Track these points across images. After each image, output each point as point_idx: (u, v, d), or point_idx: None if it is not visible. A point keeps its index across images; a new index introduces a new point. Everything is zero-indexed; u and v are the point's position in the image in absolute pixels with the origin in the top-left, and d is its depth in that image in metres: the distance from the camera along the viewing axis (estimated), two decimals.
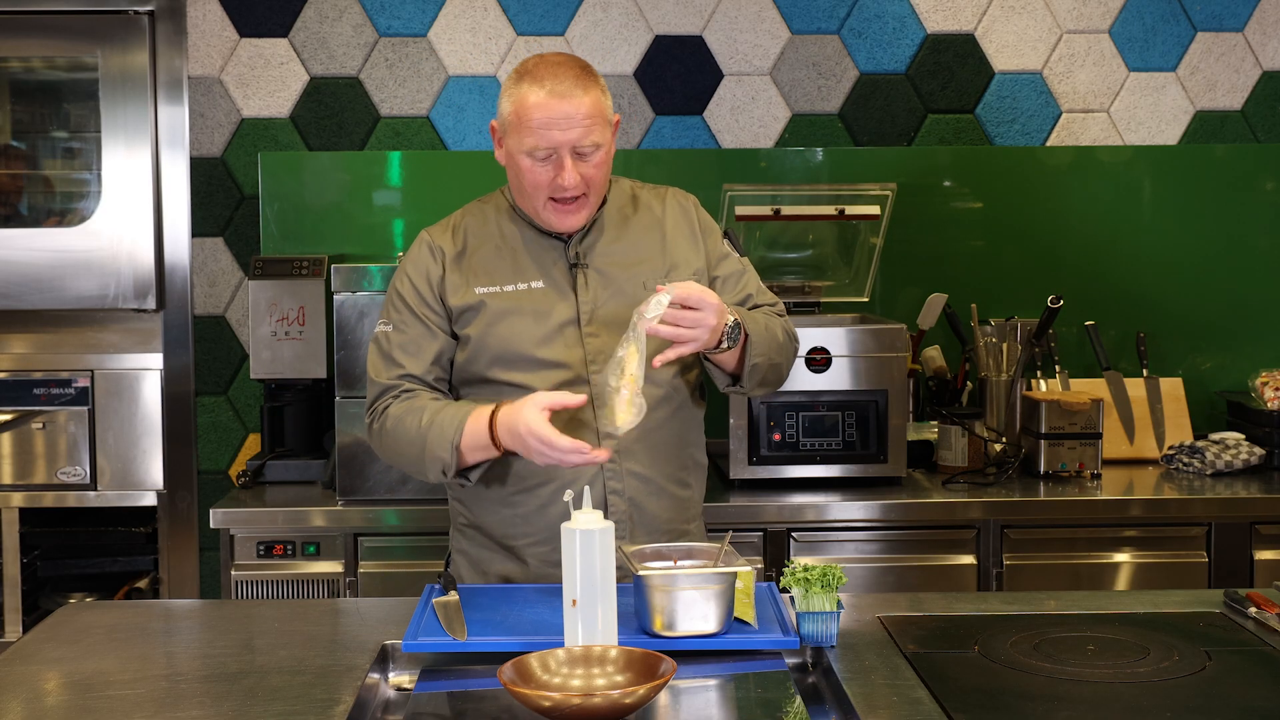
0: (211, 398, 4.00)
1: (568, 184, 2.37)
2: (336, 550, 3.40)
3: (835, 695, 1.95)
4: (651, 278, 2.46)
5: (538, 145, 2.35)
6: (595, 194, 2.44)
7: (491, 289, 2.46)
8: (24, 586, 3.76)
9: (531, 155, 2.37)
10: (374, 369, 2.50)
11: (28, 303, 3.72)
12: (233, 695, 1.91)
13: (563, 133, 2.34)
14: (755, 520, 3.37)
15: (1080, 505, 3.43)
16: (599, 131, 2.37)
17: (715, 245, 2.57)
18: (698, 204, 2.62)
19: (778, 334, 2.50)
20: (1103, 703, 1.87)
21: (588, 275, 2.47)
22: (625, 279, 2.47)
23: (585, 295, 2.45)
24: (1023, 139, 4.04)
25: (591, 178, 2.39)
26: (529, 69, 2.39)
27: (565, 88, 2.34)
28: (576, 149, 2.36)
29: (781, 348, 2.51)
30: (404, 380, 2.47)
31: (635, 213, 2.54)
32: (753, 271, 2.60)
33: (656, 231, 2.53)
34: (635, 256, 2.49)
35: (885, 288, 4.01)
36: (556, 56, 2.41)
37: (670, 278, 2.46)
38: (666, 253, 2.51)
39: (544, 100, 2.34)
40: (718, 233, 2.60)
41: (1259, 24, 4.06)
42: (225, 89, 3.96)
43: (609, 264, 2.48)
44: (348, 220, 3.96)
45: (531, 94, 2.35)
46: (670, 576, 2.07)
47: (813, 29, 4.01)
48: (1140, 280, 4.05)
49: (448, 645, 2.08)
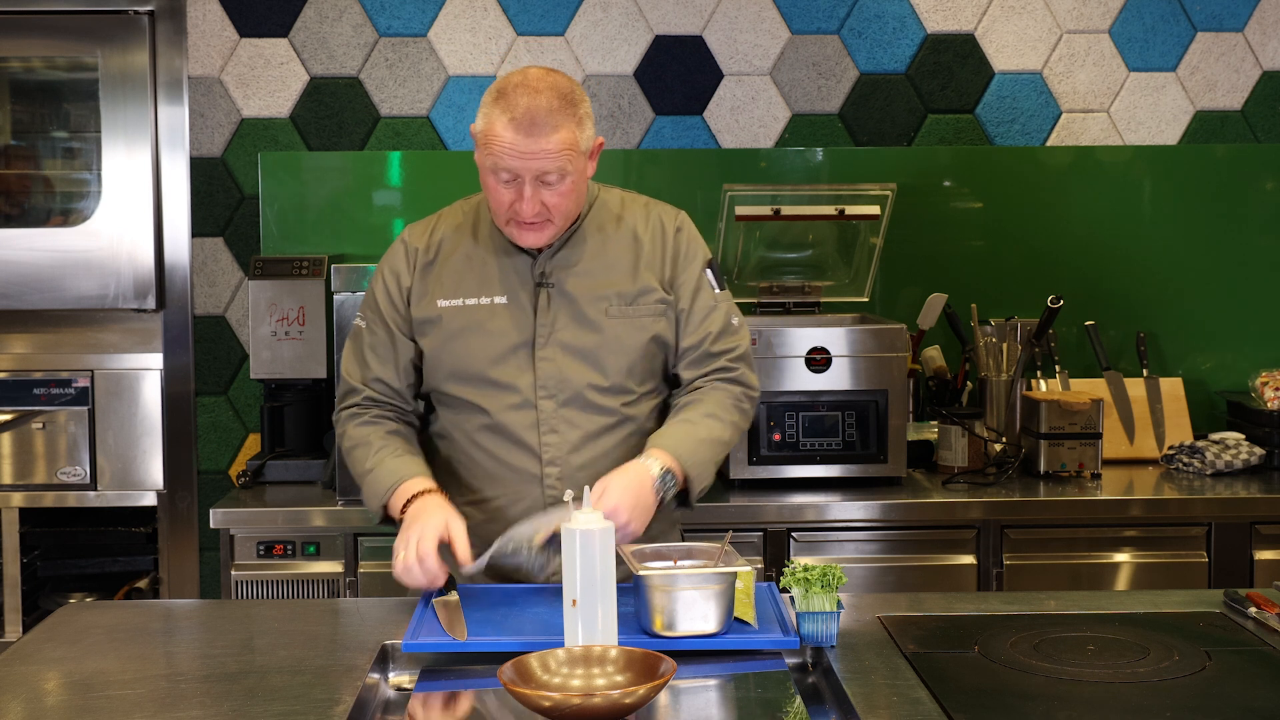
0: (211, 398, 4.00)
1: (524, 213, 2.33)
2: (336, 550, 3.41)
3: (835, 695, 1.95)
4: (615, 304, 2.44)
5: (499, 166, 2.31)
6: (561, 217, 2.38)
7: (453, 302, 2.45)
8: (24, 586, 3.76)
9: (495, 175, 2.33)
10: (347, 365, 2.54)
11: (28, 303, 3.72)
12: (233, 695, 1.91)
13: (524, 164, 2.29)
14: (755, 520, 3.37)
15: (1080, 505, 3.43)
16: (568, 163, 2.31)
17: (691, 276, 2.49)
18: (686, 226, 2.54)
19: (722, 431, 2.43)
20: (1103, 703, 1.87)
21: (551, 295, 2.44)
22: (587, 302, 2.44)
23: (545, 317, 2.43)
24: (1023, 139, 4.04)
25: (555, 205, 2.34)
26: (506, 90, 2.31)
27: (535, 121, 2.27)
28: (541, 178, 2.31)
29: (727, 443, 2.45)
30: (373, 387, 2.50)
31: (616, 230, 2.49)
32: (725, 308, 2.51)
33: (631, 254, 2.48)
34: (604, 279, 2.46)
35: (885, 288, 4.01)
36: (539, 80, 2.32)
37: (634, 306, 2.44)
38: (636, 278, 2.46)
39: (509, 131, 2.28)
40: (699, 261, 2.51)
41: (1259, 24, 4.05)
42: (225, 89, 3.96)
43: (575, 285, 2.45)
44: (348, 220, 3.96)
45: (499, 121, 2.29)
46: (670, 576, 2.07)
47: (813, 29, 4.01)
48: (1140, 280, 4.05)
49: (448, 645, 2.08)
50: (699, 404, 2.46)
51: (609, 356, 2.44)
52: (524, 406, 2.43)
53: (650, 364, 2.49)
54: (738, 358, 2.51)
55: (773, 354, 3.48)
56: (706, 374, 2.49)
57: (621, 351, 2.44)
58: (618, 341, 2.44)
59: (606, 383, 2.44)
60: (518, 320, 2.44)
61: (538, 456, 2.43)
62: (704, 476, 2.41)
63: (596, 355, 2.44)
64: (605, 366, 2.44)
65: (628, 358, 2.45)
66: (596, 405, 2.44)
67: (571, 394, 2.43)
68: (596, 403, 2.44)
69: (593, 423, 2.44)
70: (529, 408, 2.43)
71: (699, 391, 2.48)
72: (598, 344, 2.44)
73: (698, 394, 2.48)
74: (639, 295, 2.46)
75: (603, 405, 2.44)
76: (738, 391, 2.50)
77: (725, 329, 2.51)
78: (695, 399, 2.47)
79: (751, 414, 2.53)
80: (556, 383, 2.43)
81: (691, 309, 2.49)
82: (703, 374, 2.49)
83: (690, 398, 2.48)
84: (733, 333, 2.52)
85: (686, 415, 2.44)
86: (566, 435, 2.43)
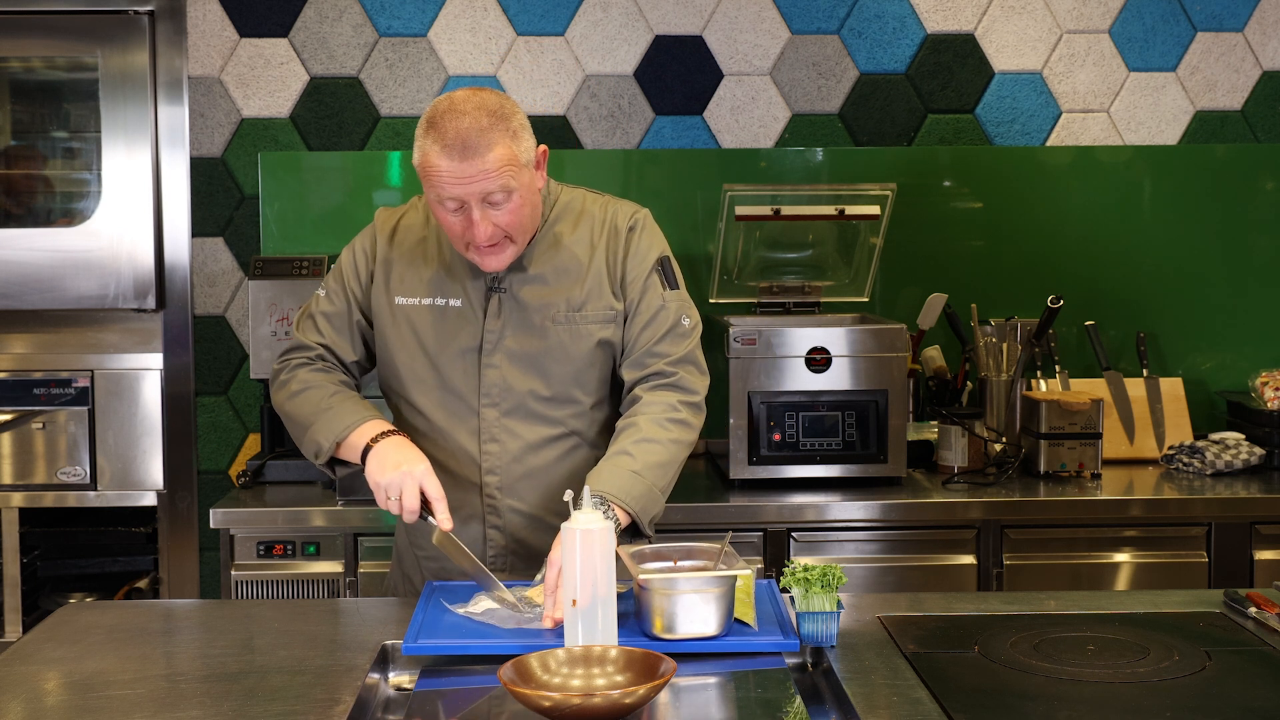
0: (211, 398, 4.00)
1: (479, 238, 2.29)
2: (336, 550, 3.41)
3: (835, 695, 1.95)
4: (562, 311, 2.41)
5: (442, 196, 2.27)
6: (519, 234, 2.34)
7: (409, 300, 2.44)
8: (24, 586, 3.76)
9: (441, 206, 2.30)
10: (300, 326, 2.52)
11: (28, 303, 3.72)
12: (233, 695, 1.91)
13: (466, 188, 2.24)
14: (755, 520, 3.37)
15: (1080, 505, 3.43)
16: (510, 179, 2.26)
17: (640, 274, 2.44)
18: (642, 224, 2.47)
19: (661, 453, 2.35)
20: (1103, 703, 1.87)
21: (502, 300, 2.42)
22: (536, 309, 2.41)
23: (494, 323, 2.41)
24: (1023, 139, 4.04)
25: (509, 224, 2.30)
26: (435, 119, 2.25)
27: (467, 144, 2.22)
28: (486, 199, 2.27)
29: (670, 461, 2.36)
30: (323, 350, 2.48)
31: (572, 234, 2.45)
32: (675, 307, 2.44)
33: (583, 259, 2.44)
34: (555, 285, 2.42)
35: (885, 288, 4.01)
36: (465, 102, 2.25)
37: (581, 313, 2.41)
38: (584, 284, 2.43)
39: (443, 159, 2.23)
40: (650, 259, 2.45)
41: (1259, 24, 4.06)
42: (225, 89, 3.96)
43: (527, 291, 2.42)
44: (348, 220, 3.96)
45: (433, 151, 2.24)
46: (670, 581, 2.06)
47: (813, 29, 4.01)
48: (1140, 280, 4.05)
49: (448, 646, 2.08)
50: (634, 428, 2.37)
51: (553, 365, 2.41)
52: (466, 413, 2.42)
53: (598, 373, 2.45)
54: (679, 360, 2.43)
55: (773, 354, 3.48)
56: (645, 377, 2.43)
57: (566, 359, 2.42)
58: (562, 349, 2.41)
59: (549, 392, 2.42)
60: (469, 324, 2.42)
61: (477, 465, 2.43)
62: (650, 506, 2.33)
63: (541, 363, 2.41)
64: (550, 374, 2.41)
65: (573, 365, 2.42)
66: (540, 415, 2.42)
67: (514, 403, 2.41)
68: (540, 412, 2.42)
69: (535, 433, 2.42)
70: (471, 414, 2.42)
71: (635, 408, 2.41)
72: (542, 351, 2.41)
73: (634, 414, 2.40)
74: (586, 302, 2.42)
75: (546, 415, 2.42)
76: (674, 400, 2.40)
77: (672, 329, 2.44)
78: (631, 422, 2.39)
79: (698, 418, 2.43)
80: (500, 390, 2.41)
81: (638, 308, 2.44)
82: (641, 376, 2.43)
83: (626, 420, 2.40)
84: (681, 335, 2.45)
85: (622, 444, 2.35)
86: (507, 445, 2.42)
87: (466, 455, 2.43)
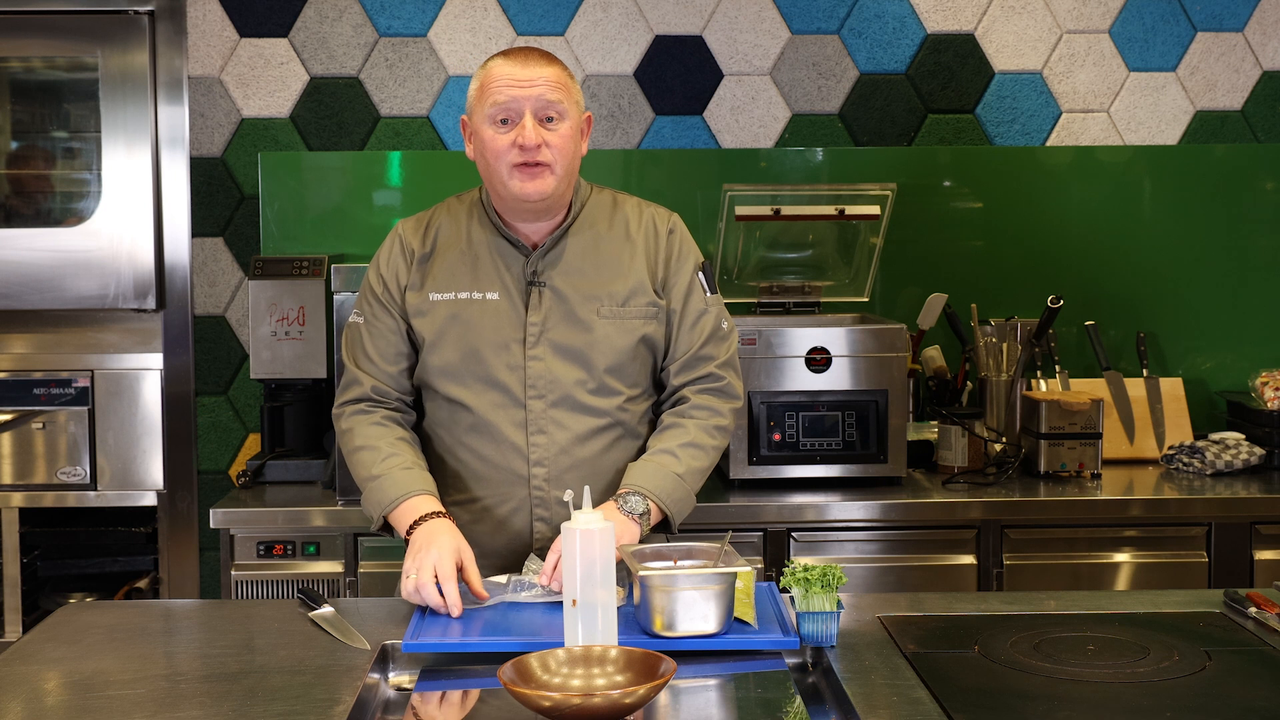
0: (211, 398, 4.00)
1: (528, 140, 2.34)
2: (336, 550, 3.41)
3: (835, 695, 1.95)
4: (606, 305, 2.45)
5: (498, 103, 2.35)
6: (560, 165, 2.39)
7: (446, 296, 2.46)
8: (24, 586, 3.76)
9: (494, 122, 2.36)
10: (350, 357, 2.53)
11: (28, 303, 3.72)
12: (233, 695, 1.91)
13: (524, 91, 2.35)
14: (755, 520, 3.37)
15: (1080, 505, 3.43)
16: (564, 99, 2.37)
17: (683, 279, 2.51)
18: (678, 228, 2.56)
19: (703, 459, 2.47)
20: (1103, 703, 1.87)
21: (543, 294, 2.45)
22: (579, 302, 2.45)
23: (536, 315, 2.44)
24: (1023, 139, 4.04)
25: (555, 145, 2.37)
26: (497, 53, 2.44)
27: (529, 56, 2.38)
28: (538, 112, 2.35)
29: (708, 468, 2.49)
30: (377, 378, 2.49)
31: (609, 230, 2.50)
32: (716, 312, 2.53)
33: (624, 255, 2.49)
34: (596, 278, 2.46)
35: (885, 288, 4.01)
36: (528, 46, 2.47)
37: (625, 307, 2.45)
38: (629, 279, 2.47)
39: (505, 64, 2.38)
40: (690, 264, 2.53)
41: (1259, 24, 4.06)
42: (225, 89, 3.96)
43: (567, 284, 2.46)
44: (348, 220, 3.96)
45: (494, 63, 2.40)
46: (670, 577, 2.07)
47: (813, 29, 4.01)
48: (1140, 280, 4.05)
49: (448, 645, 2.08)
50: (681, 429, 2.46)
51: (598, 357, 2.44)
52: (513, 405, 2.44)
53: (640, 366, 2.50)
54: (725, 364, 2.53)
55: (773, 354, 3.48)
56: (693, 380, 2.50)
57: (611, 352, 2.45)
58: (608, 342, 2.45)
59: (594, 383, 2.44)
60: (509, 317, 2.44)
61: (525, 457, 2.44)
62: (684, 510, 2.44)
63: (586, 355, 2.44)
64: (594, 367, 2.44)
65: (617, 359, 2.45)
66: (586, 406, 2.44)
67: (561, 395, 2.44)
68: (586, 404, 2.44)
69: (582, 424, 2.44)
70: (518, 407, 2.44)
71: (682, 409, 2.49)
72: (588, 344, 2.44)
73: (681, 415, 2.49)
74: (630, 296, 2.47)
75: (592, 406, 2.44)
76: (722, 407, 2.51)
77: (715, 333, 2.52)
78: (679, 423, 2.48)
79: (733, 425, 2.55)
80: (546, 382, 2.43)
81: (684, 312, 2.50)
82: (690, 380, 2.50)
83: (674, 419, 2.49)
84: (722, 338, 2.54)
85: (668, 444, 2.44)
86: (555, 436, 2.44)
87: (513, 447, 2.44)
